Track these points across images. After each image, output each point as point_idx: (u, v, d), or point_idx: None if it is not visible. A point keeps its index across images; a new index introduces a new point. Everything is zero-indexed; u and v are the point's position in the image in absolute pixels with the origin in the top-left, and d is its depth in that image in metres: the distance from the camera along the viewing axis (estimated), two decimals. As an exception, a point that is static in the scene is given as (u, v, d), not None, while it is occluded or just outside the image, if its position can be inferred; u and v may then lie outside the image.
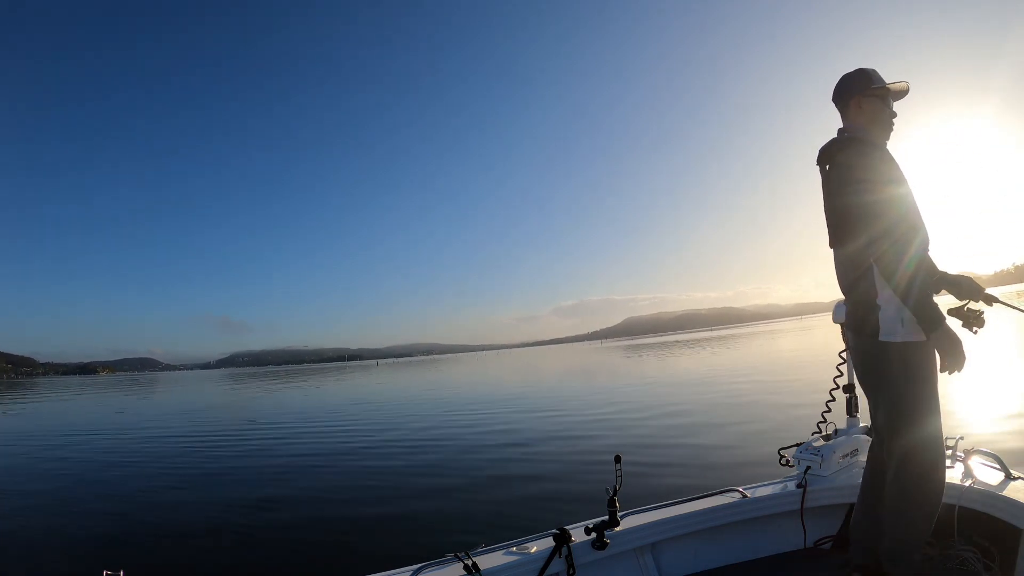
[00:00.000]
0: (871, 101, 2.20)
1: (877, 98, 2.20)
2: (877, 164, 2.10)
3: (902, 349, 2.07)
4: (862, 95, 2.21)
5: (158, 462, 10.09)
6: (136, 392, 43.74)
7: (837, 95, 2.29)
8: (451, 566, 2.19)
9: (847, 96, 2.25)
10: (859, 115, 2.23)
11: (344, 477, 7.90)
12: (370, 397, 23.66)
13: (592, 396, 16.46)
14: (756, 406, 11.25)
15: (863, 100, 2.21)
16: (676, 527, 2.59)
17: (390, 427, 13.01)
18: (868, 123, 2.21)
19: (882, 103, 2.21)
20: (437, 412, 15.56)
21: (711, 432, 8.97)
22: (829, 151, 2.24)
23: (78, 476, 9.13)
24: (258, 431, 14.15)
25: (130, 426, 17.21)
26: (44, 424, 19.83)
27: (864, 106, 2.21)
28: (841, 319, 2.90)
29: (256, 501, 6.84)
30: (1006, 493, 2.32)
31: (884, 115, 2.21)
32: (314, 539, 5.22)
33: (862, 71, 2.23)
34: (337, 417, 16.26)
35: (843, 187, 2.15)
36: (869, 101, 2.20)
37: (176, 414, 20.88)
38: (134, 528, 5.99)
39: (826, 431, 3.08)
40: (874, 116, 2.21)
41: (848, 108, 2.25)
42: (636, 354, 48.42)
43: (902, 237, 2.01)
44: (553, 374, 31.45)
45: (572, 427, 10.82)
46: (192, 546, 5.28)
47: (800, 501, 2.73)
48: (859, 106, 2.22)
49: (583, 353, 75.14)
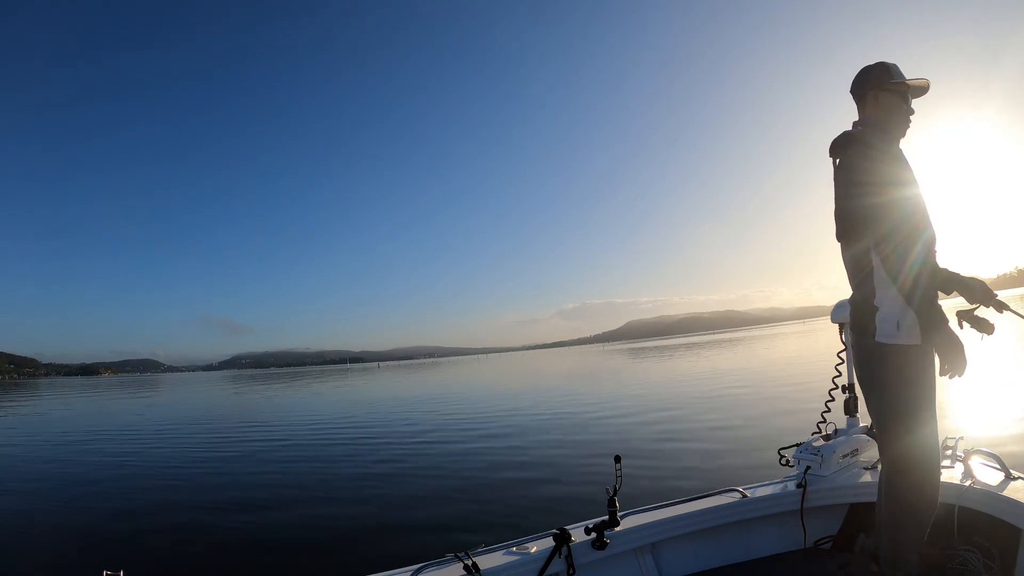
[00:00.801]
0: (888, 96, 2.17)
1: (895, 93, 2.17)
2: (881, 166, 2.08)
3: (898, 351, 2.06)
4: (880, 89, 2.18)
5: (158, 462, 10.10)
6: (139, 393, 43.77)
7: (855, 86, 2.25)
8: (451, 566, 2.19)
9: (865, 88, 2.21)
10: (875, 109, 2.19)
11: (344, 477, 7.90)
12: (369, 399, 23.65)
13: (592, 397, 16.44)
14: (756, 407, 11.24)
15: (880, 94, 2.18)
16: (676, 527, 2.59)
17: (389, 427, 13.01)
18: (883, 117, 2.18)
19: (900, 99, 2.17)
20: (436, 413, 15.54)
21: (711, 432, 8.96)
22: (838, 145, 2.21)
23: (78, 476, 9.14)
24: (258, 432, 14.15)
25: (130, 426, 17.22)
26: (44, 424, 19.85)
27: (881, 100, 2.18)
28: (840, 319, 2.92)
29: (256, 501, 6.84)
30: (1006, 493, 2.31)
31: (901, 111, 2.18)
32: (314, 539, 5.22)
33: (883, 64, 2.20)
34: (336, 418, 16.25)
35: (846, 189, 2.14)
36: (887, 95, 2.17)
37: (177, 415, 20.89)
38: (134, 528, 5.99)
39: (826, 431, 3.08)
40: (890, 111, 2.18)
41: (865, 100, 2.22)
42: (637, 357, 48.37)
43: (905, 240, 1.99)
44: (553, 376, 31.41)
45: (572, 428, 10.81)
46: (192, 546, 5.28)
47: (800, 501, 2.73)
48: (876, 99, 2.19)
49: (584, 356, 75.08)
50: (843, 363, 3.18)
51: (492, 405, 17.03)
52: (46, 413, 26.20)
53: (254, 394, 34.60)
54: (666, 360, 36.45)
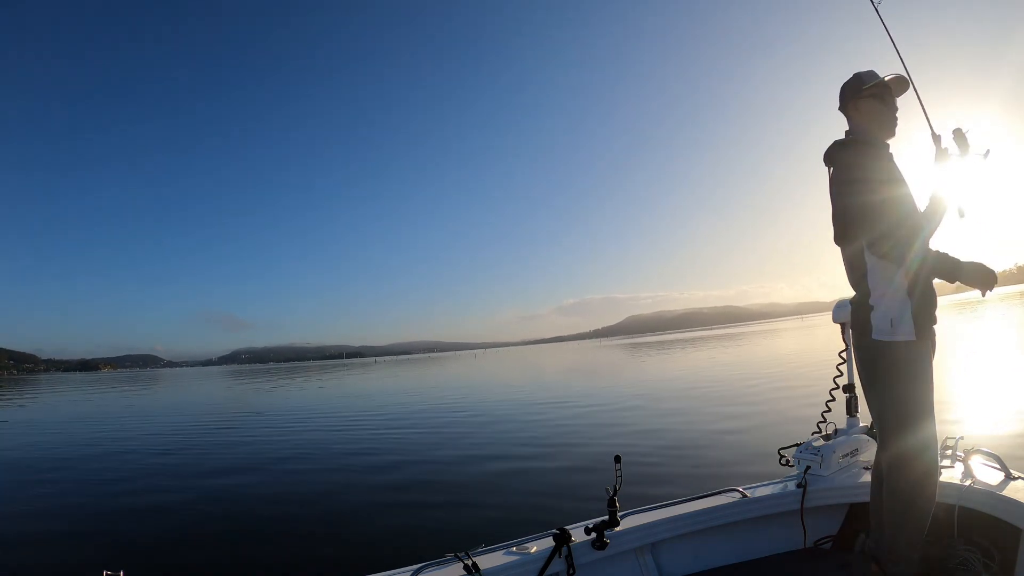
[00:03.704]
0: (867, 102, 2.24)
1: (872, 98, 2.23)
2: (873, 163, 2.15)
3: (893, 348, 2.11)
4: (857, 98, 2.26)
5: (158, 462, 10.10)
6: (138, 389, 43.75)
7: (840, 104, 2.35)
8: (451, 566, 2.19)
9: (844, 102, 2.31)
10: (860, 117, 2.27)
11: (344, 476, 7.90)
12: (366, 395, 23.66)
13: (591, 395, 16.45)
14: (756, 405, 11.25)
15: (859, 102, 2.25)
16: (676, 527, 2.59)
17: (388, 427, 13.01)
18: (869, 123, 2.25)
19: (879, 102, 2.23)
20: (434, 411, 15.55)
21: (711, 432, 8.96)
22: (830, 153, 2.30)
23: (78, 476, 9.14)
24: (258, 430, 14.16)
25: (132, 426, 17.21)
26: (45, 423, 19.84)
27: (862, 108, 2.25)
28: (841, 319, 2.92)
29: (255, 501, 6.84)
30: (1006, 493, 2.31)
31: (884, 113, 2.24)
32: (314, 539, 5.22)
33: (855, 76, 2.28)
34: (335, 415, 16.25)
35: (844, 187, 2.19)
36: (865, 102, 2.24)
37: (177, 413, 20.90)
38: (134, 528, 5.99)
39: (826, 431, 3.09)
40: (873, 116, 2.24)
41: (849, 113, 2.31)
42: (635, 353, 48.41)
43: (904, 238, 2.03)
44: (548, 372, 31.43)
45: (571, 427, 10.80)
46: (192, 546, 5.28)
47: (800, 501, 2.74)
48: (857, 108, 2.27)
49: (581, 351, 75.12)
50: (844, 363, 3.18)
51: (489, 404, 17.05)
52: (46, 411, 26.18)
53: (251, 390, 34.58)
54: (664, 356, 36.49)
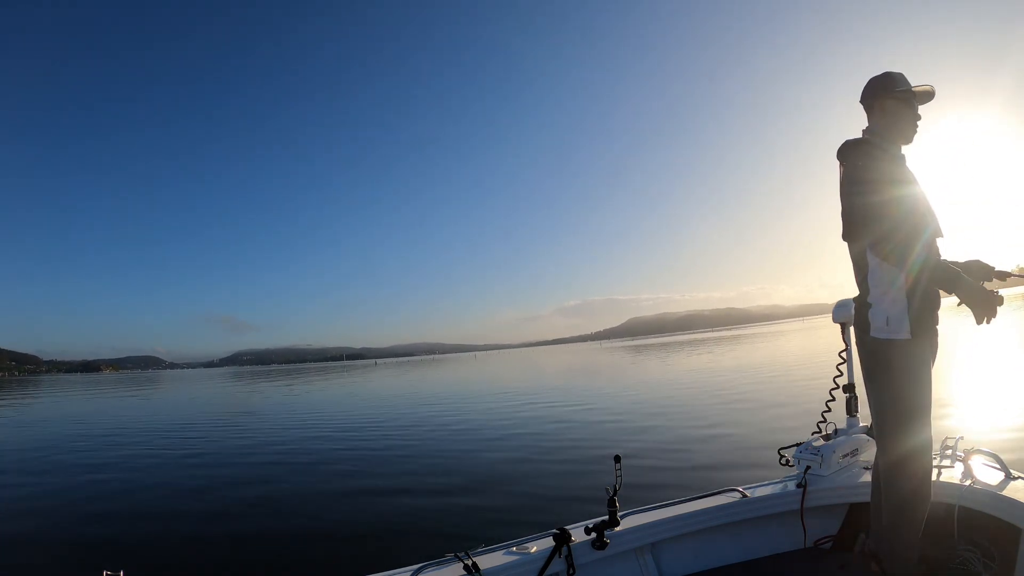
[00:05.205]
0: (894, 104, 2.25)
1: (900, 101, 2.25)
2: (880, 164, 2.16)
3: (889, 346, 2.14)
4: (886, 97, 2.26)
5: (158, 462, 10.10)
6: (139, 390, 43.73)
7: (864, 97, 2.35)
8: (451, 566, 2.19)
9: (871, 98, 2.31)
10: (882, 116, 2.28)
11: (343, 477, 7.89)
12: (366, 396, 23.67)
13: (591, 396, 16.43)
14: (756, 405, 11.24)
15: (887, 102, 2.26)
16: (676, 527, 2.59)
17: (388, 427, 13.00)
18: (890, 124, 2.27)
19: (905, 106, 2.25)
20: (434, 412, 15.53)
21: (711, 432, 8.96)
22: (843, 150, 2.30)
23: (78, 476, 9.13)
24: (257, 431, 14.14)
25: (132, 425, 17.22)
26: (46, 423, 19.85)
27: (887, 107, 2.26)
28: (841, 319, 2.93)
29: (255, 501, 6.84)
30: (1006, 493, 2.31)
31: (906, 117, 2.26)
32: (314, 539, 5.22)
33: (887, 74, 2.28)
34: (335, 416, 16.25)
35: (851, 187, 2.22)
36: (893, 103, 2.25)
37: (177, 413, 20.88)
38: (134, 528, 6.00)
39: (826, 431, 3.08)
40: (896, 118, 2.26)
41: (873, 110, 2.31)
42: (636, 354, 48.37)
43: (905, 239, 2.05)
44: (548, 374, 31.41)
45: (571, 427, 10.80)
46: (192, 546, 5.28)
47: (800, 501, 2.74)
48: (883, 108, 2.27)
49: (581, 353, 75.06)
50: (844, 363, 3.18)
51: (488, 404, 17.04)
52: (46, 412, 26.19)
53: (252, 392, 34.59)
54: (665, 358, 36.46)
